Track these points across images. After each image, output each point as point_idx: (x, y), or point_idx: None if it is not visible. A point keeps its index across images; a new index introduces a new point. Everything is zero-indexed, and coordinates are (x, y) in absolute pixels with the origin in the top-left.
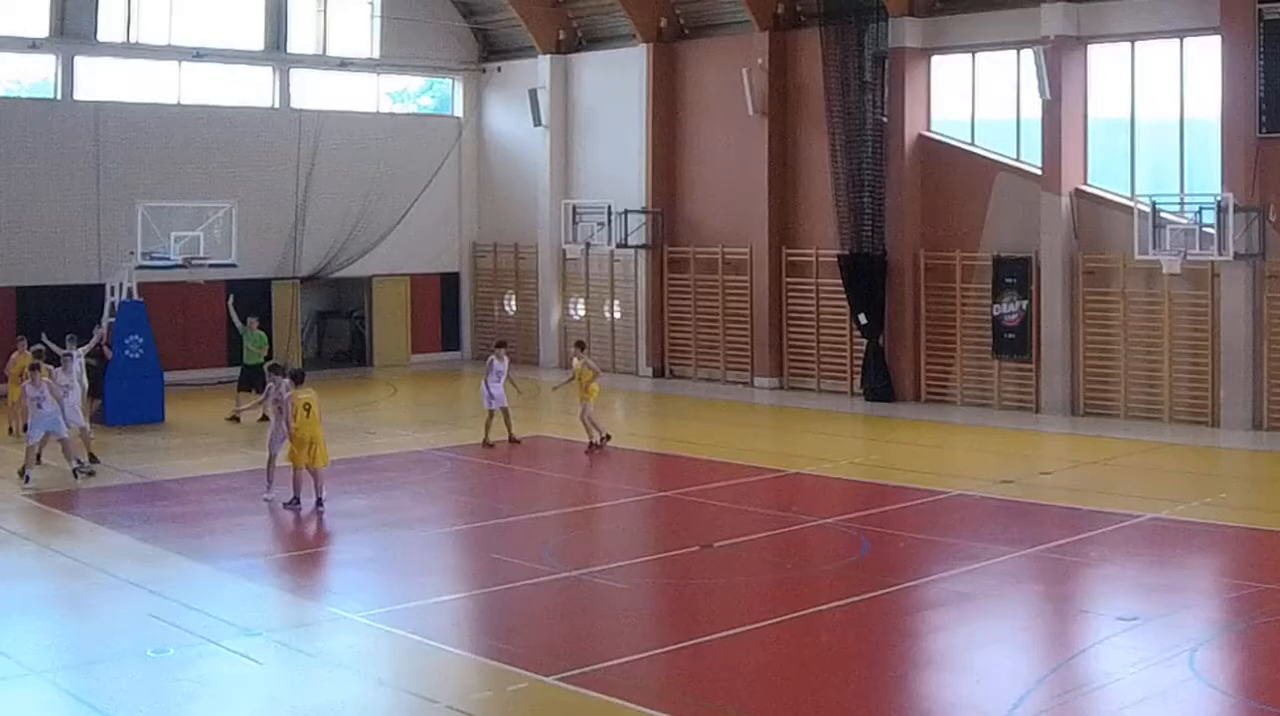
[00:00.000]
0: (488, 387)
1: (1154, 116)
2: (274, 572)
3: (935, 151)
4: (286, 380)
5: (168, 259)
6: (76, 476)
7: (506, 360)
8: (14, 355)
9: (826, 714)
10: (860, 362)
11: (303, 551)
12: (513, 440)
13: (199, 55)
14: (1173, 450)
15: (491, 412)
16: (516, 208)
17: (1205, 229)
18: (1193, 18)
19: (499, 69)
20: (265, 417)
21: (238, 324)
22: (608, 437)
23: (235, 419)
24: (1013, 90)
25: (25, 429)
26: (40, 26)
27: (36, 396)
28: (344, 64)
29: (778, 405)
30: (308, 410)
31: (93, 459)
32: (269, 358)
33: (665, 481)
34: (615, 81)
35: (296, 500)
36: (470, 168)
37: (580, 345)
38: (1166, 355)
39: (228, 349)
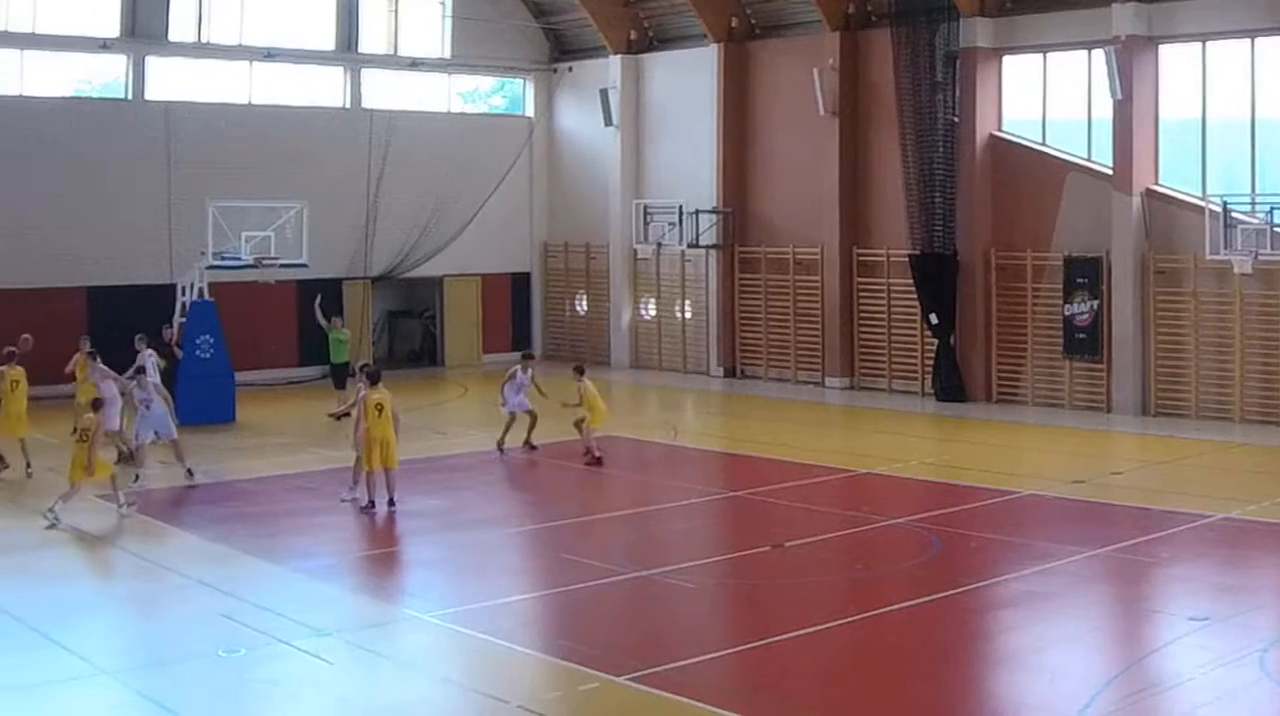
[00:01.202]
0: (504, 394)
1: (1225, 116)
2: (345, 573)
3: (1006, 151)
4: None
5: (239, 259)
6: (192, 475)
7: (530, 372)
8: (76, 356)
9: (897, 714)
10: (931, 362)
11: (373, 551)
12: (529, 445)
13: (270, 55)
14: (1244, 450)
15: (513, 416)
16: (587, 207)
17: (1276, 229)
18: (1264, 18)
19: (570, 69)
20: (339, 417)
21: (323, 323)
22: (598, 460)
23: (338, 417)
24: (1084, 90)
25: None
26: (111, 27)
27: (144, 397)
28: (415, 64)
29: (849, 405)
30: (380, 410)
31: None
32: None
33: (736, 481)
34: (686, 81)
35: (372, 503)
36: (541, 168)
37: (580, 370)
38: (1238, 355)
39: (299, 349)
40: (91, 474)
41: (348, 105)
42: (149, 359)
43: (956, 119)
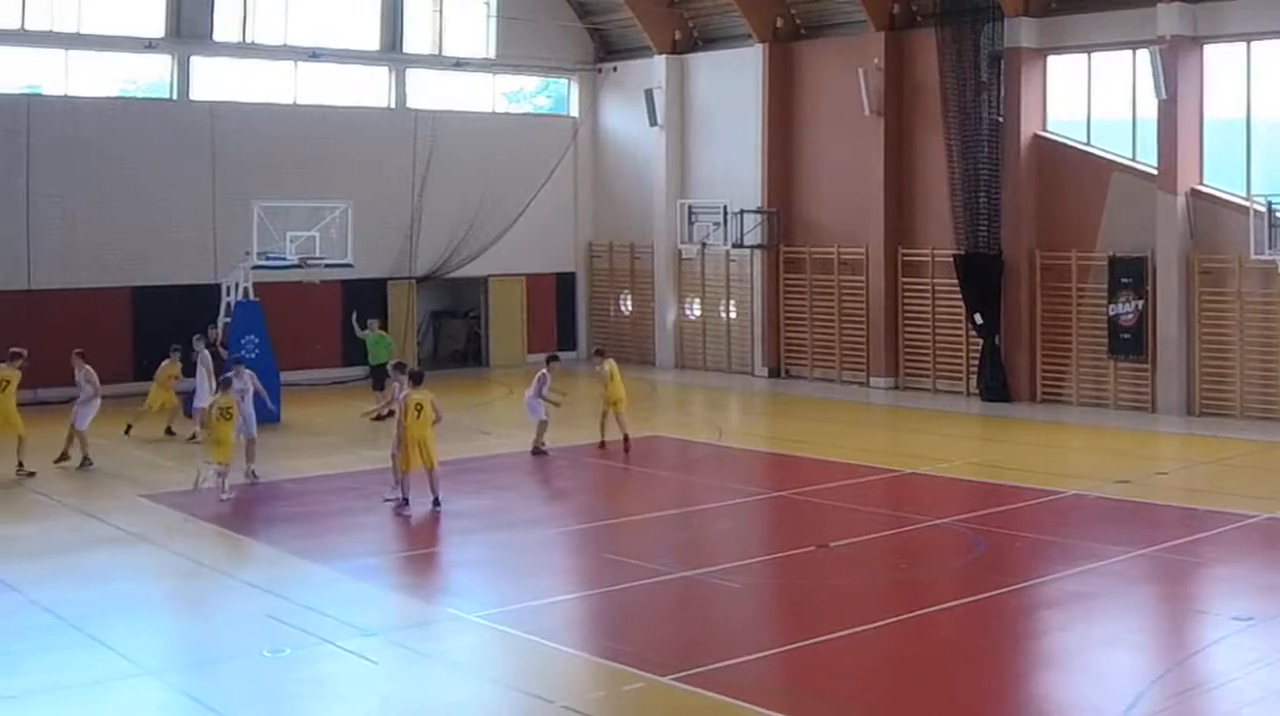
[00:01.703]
0: (531, 404)
1: (1270, 116)
2: (389, 573)
3: (1051, 151)
4: (405, 378)
5: (283, 259)
6: (255, 477)
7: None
8: (164, 363)
9: (942, 714)
10: (976, 362)
11: (418, 552)
12: (537, 448)
13: (315, 55)
14: None
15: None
16: (632, 207)
17: None
18: None
19: (615, 69)
20: (379, 418)
21: (358, 332)
22: (603, 445)
23: (380, 417)
24: (1128, 90)
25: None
26: (156, 27)
27: (241, 388)
28: (460, 64)
29: (893, 405)
30: (419, 411)
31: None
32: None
33: (781, 481)
34: (731, 81)
35: (405, 501)
36: (586, 167)
37: (601, 352)
38: None
39: (344, 349)
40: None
41: (392, 105)
42: (204, 359)
43: (1001, 119)
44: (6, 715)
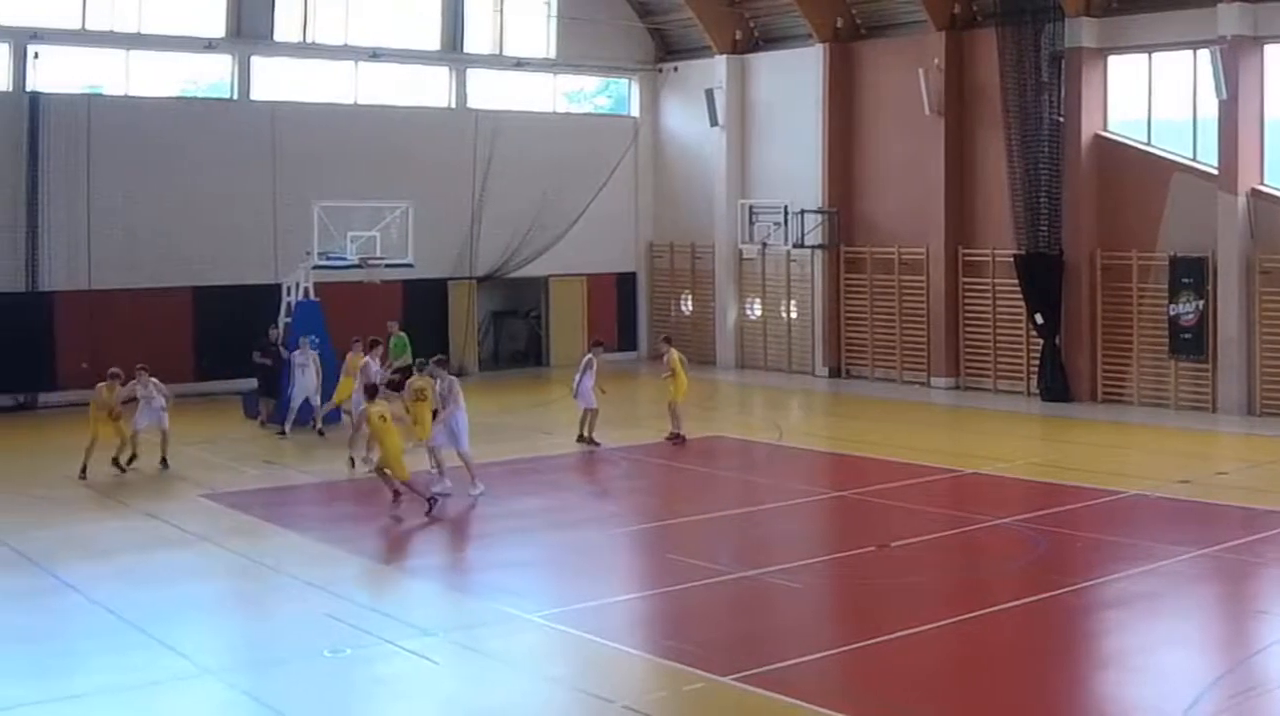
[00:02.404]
0: (581, 386)
1: None
2: (450, 572)
3: (1111, 151)
4: (451, 377)
5: (344, 259)
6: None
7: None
8: (349, 356)
9: (1001, 714)
10: (1036, 362)
11: (478, 551)
12: (583, 438)
13: (375, 55)
14: None
15: (588, 411)
16: (692, 207)
17: None
18: None
19: (675, 69)
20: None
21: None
22: (681, 438)
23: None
24: (1189, 90)
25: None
26: (216, 27)
27: (302, 363)
28: (520, 64)
29: (954, 405)
30: (384, 421)
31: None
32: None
33: (841, 481)
34: (791, 81)
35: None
36: (646, 167)
37: (668, 339)
38: None
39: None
40: (421, 435)
41: (453, 105)
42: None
43: (1062, 119)
44: (70, 715)
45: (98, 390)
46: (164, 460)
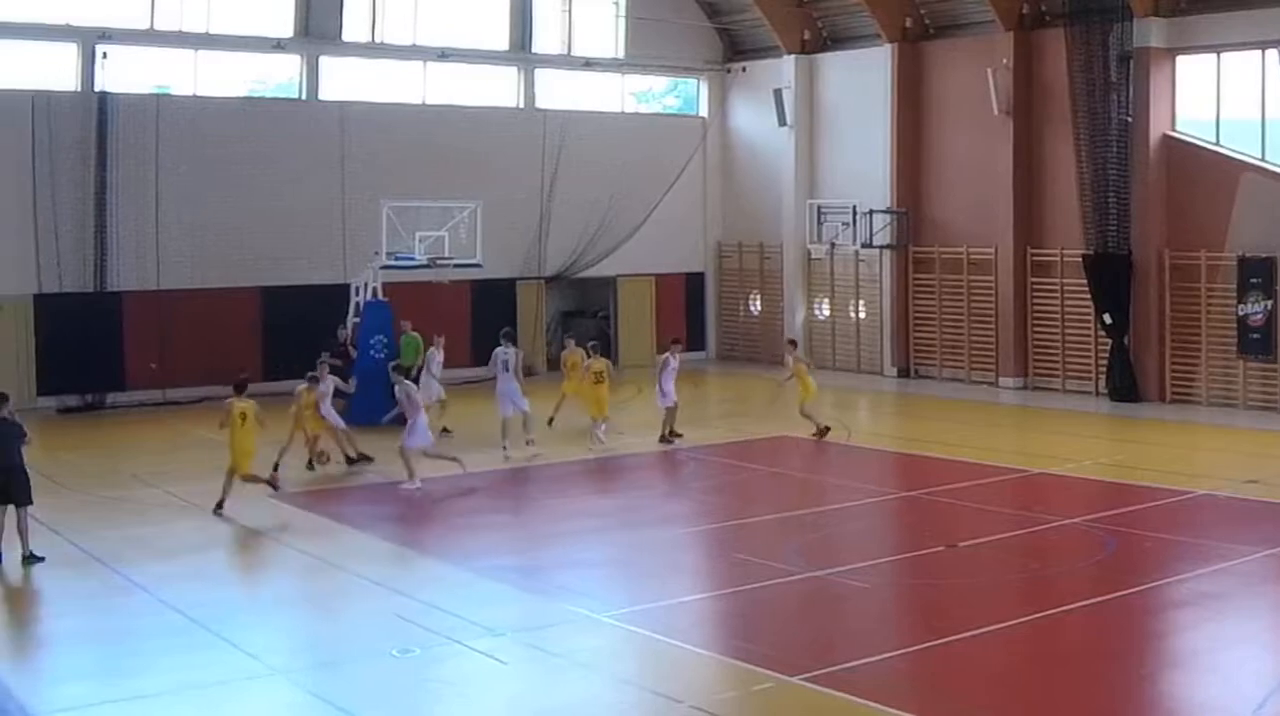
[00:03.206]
0: (663, 386)
1: None
2: (517, 572)
3: (1180, 151)
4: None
5: (412, 259)
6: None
7: (679, 359)
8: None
9: (1071, 714)
10: (1105, 362)
11: (547, 551)
12: (665, 438)
13: (444, 55)
14: None
15: (668, 409)
16: (761, 207)
17: None
18: None
19: (744, 69)
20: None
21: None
22: (826, 429)
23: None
24: (1258, 90)
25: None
26: (285, 27)
27: (323, 391)
28: (589, 64)
29: (1022, 405)
30: (243, 419)
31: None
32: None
33: (909, 481)
34: (860, 81)
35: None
36: (715, 168)
37: (793, 343)
38: None
39: (472, 348)
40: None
41: (521, 105)
42: (435, 357)
43: (1130, 119)
44: (138, 715)
45: (299, 393)
46: (349, 457)
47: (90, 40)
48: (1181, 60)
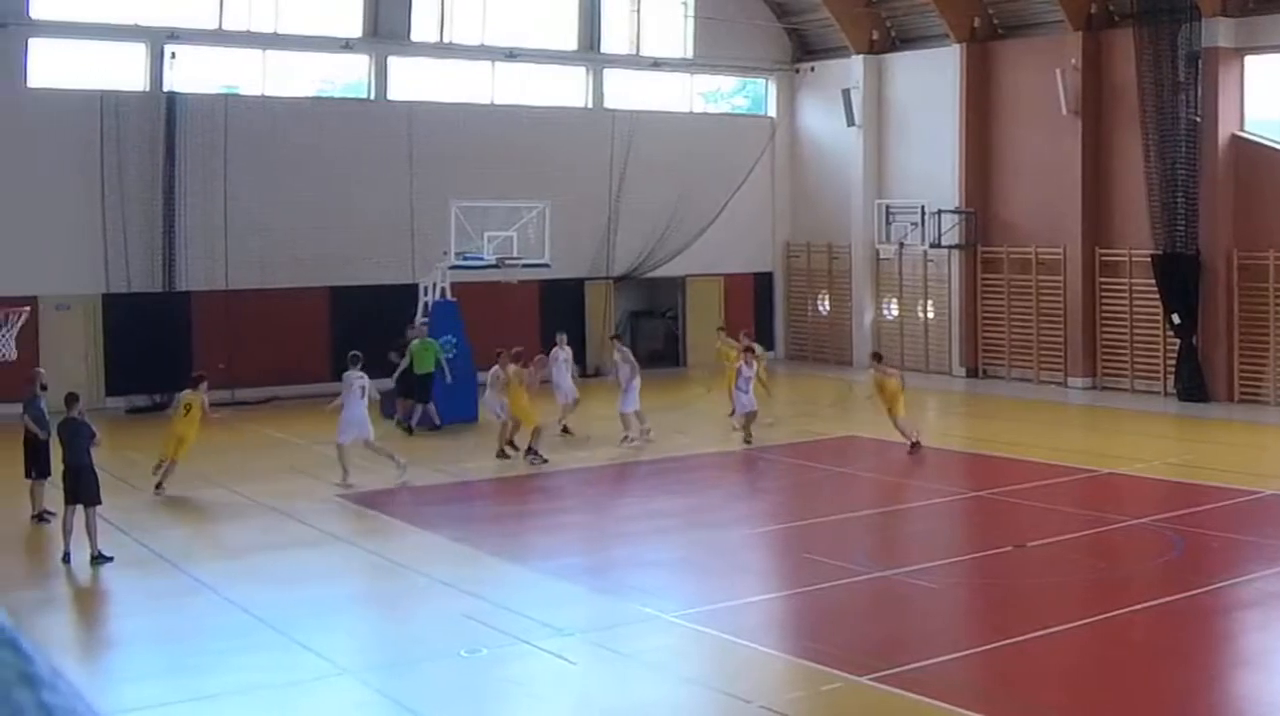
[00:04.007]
0: (735, 397)
1: None
2: (586, 572)
3: (1249, 151)
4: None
5: (481, 259)
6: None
7: (755, 366)
8: (556, 351)
9: (1138, 714)
10: (1174, 362)
11: (615, 551)
12: (750, 441)
13: (512, 55)
14: None
15: (747, 416)
16: (829, 207)
17: None
18: None
19: (812, 69)
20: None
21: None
22: (917, 444)
23: (567, 430)
24: None
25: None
26: (353, 27)
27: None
28: (657, 64)
29: (1091, 405)
30: (187, 410)
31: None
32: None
33: (977, 481)
34: (928, 81)
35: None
36: (783, 168)
37: (877, 357)
38: None
39: (541, 349)
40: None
41: (590, 105)
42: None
43: (1198, 119)
44: (206, 715)
45: (517, 373)
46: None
47: (159, 40)
48: (1250, 60)
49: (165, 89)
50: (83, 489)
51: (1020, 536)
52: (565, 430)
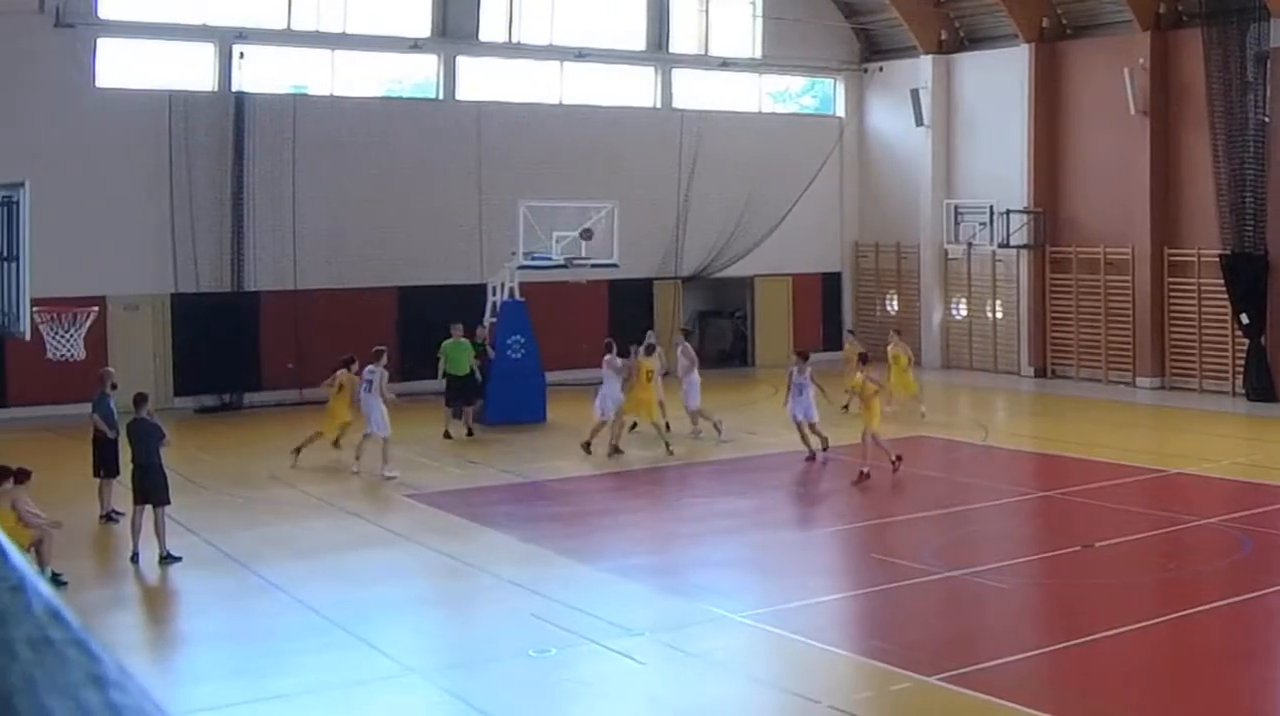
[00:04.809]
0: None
1: None
2: (654, 572)
3: None
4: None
5: (549, 259)
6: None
7: (809, 372)
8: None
9: (1208, 714)
10: (1242, 362)
11: (683, 551)
12: (813, 454)
13: (581, 55)
14: None
15: (800, 425)
16: (897, 207)
17: None
18: None
19: (880, 69)
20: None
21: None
22: (899, 459)
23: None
24: None
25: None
26: (422, 27)
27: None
28: (725, 64)
29: (1159, 405)
30: (340, 388)
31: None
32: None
33: (1046, 481)
34: (997, 81)
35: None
36: (851, 168)
37: (863, 358)
38: None
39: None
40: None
41: (658, 105)
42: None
43: (1268, 119)
44: (275, 714)
45: (637, 364)
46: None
47: (227, 40)
48: None
49: (234, 89)
50: (151, 489)
51: (1089, 536)
52: (633, 426)
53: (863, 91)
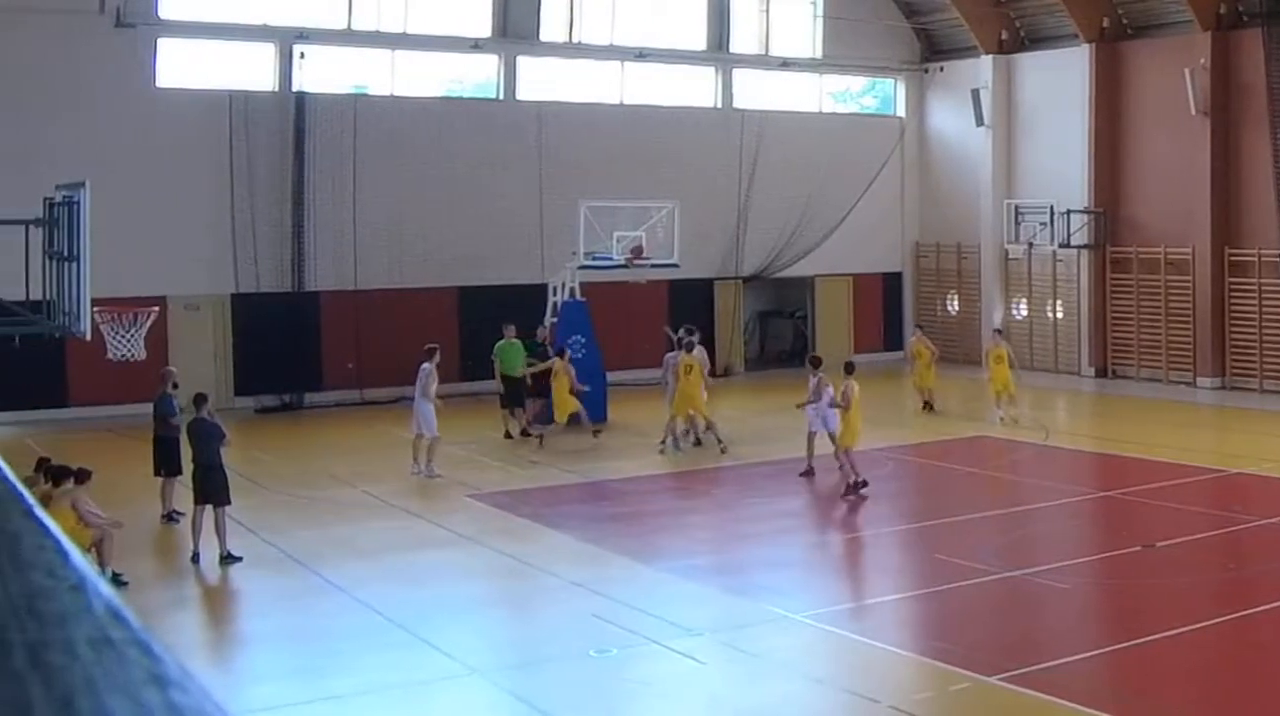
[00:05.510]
0: (810, 416)
1: None
2: (714, 573)
3: None
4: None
5: (610, 259)
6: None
7: (830, 388)
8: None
9: (1268, 715)
10: None
11: (743, 551)
12: (810, 468)
13: (641, 55)
14: None
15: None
16: (958, 207)
17: None
18: None
19: (941, 69)
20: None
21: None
22: (862, 483)
23: (527, 434)
24: None
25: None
26: (482, 27)
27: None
28: (786, 64)
29: (1219, 405)
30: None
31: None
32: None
33: (1106, 481)
34: (1057, 81)
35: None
36: (912, 168)
37: (849, 367)
38: None
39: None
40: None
41: (719, 105)
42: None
43: None
44: (336, 714)
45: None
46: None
47: (288, 40)
48: None
49: (294, 89)
50: (212, 489)
51: (1149, 536)
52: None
53: (923, 91)
